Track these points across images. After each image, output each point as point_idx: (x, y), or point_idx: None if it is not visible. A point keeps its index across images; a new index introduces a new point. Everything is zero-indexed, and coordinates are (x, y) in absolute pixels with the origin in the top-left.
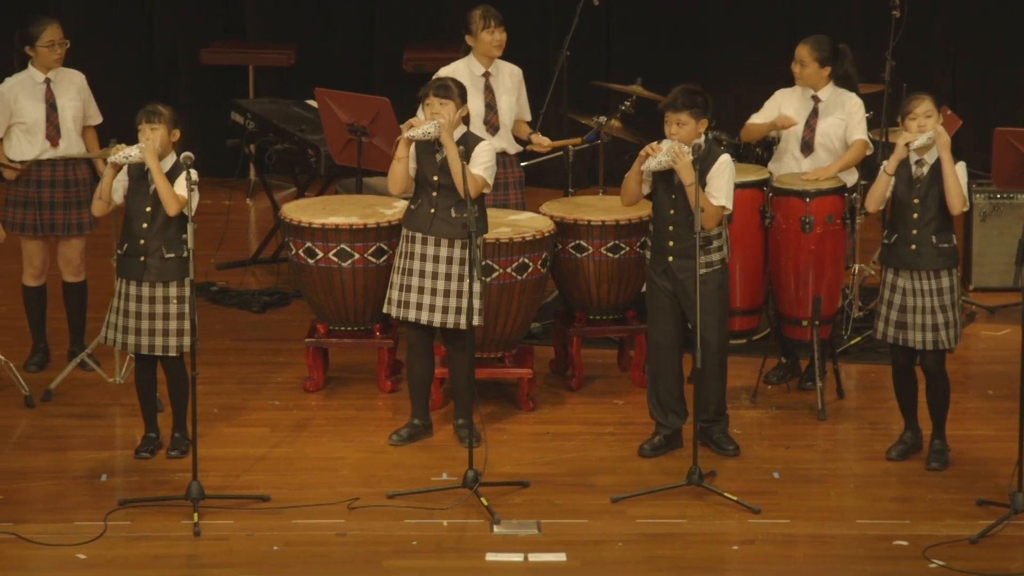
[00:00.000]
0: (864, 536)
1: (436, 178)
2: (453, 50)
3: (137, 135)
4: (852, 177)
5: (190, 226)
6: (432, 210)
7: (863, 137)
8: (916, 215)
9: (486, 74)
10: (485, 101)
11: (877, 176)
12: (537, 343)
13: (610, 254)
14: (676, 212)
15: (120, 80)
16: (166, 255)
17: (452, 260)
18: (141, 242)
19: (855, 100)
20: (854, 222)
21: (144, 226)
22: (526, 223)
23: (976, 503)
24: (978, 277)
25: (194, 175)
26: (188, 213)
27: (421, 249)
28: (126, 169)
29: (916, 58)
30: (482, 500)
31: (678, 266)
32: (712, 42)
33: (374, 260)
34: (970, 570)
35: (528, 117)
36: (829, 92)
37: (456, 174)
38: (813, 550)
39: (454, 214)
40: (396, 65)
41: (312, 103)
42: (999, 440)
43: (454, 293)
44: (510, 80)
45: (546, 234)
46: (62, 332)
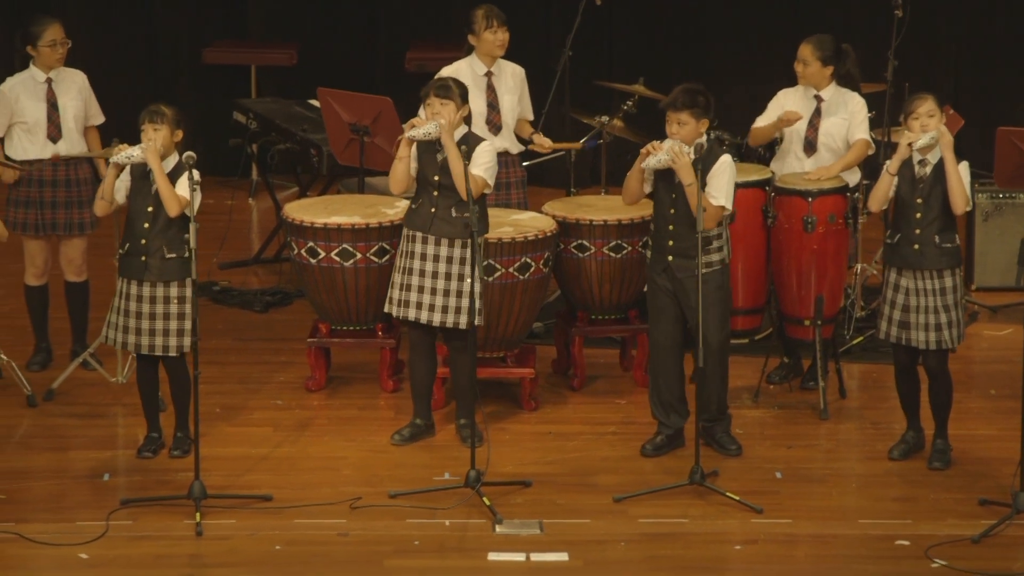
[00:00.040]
0: (866, 536)
1: (437, 178)
2: (456, 50)
3: (140, 135)
4: (854, 177)
5: (192, 226)
6: (433, 210)
7: (865, 137)
8: (919, 215)
9: (488, 74)
10: (488, 101)
11: (880, 176)
12: (539, 343)
13: (612, 254)
14: (676, 212)
15: (122, 80)
16: (167, 255)
17: (452, 260)
18: (143, 242)
19: (858, 100)
20: (856, 222)
21: (146, 226)
22: (528, 223)
23: (978, 503)
24: (980, 277)
25: (196, 175)
26: (190, 213)
27: (422, 248)
28: (128, 169)
29: (918, 57)
30: (484, 500)
31: (677, 266)
32: (714, 41)
33: (376, 260)
34: (972, 570)
35: (531, 117)
36: (832, 91)
37: (456, 175)
38: (815, 550)
39: (455, 214)
40: (398, 65)
41: (314, 103)
42: (1001, 440)
43: (454, 293)
44: (512, 80)
45: (548, 234)
46: (64, 332)
